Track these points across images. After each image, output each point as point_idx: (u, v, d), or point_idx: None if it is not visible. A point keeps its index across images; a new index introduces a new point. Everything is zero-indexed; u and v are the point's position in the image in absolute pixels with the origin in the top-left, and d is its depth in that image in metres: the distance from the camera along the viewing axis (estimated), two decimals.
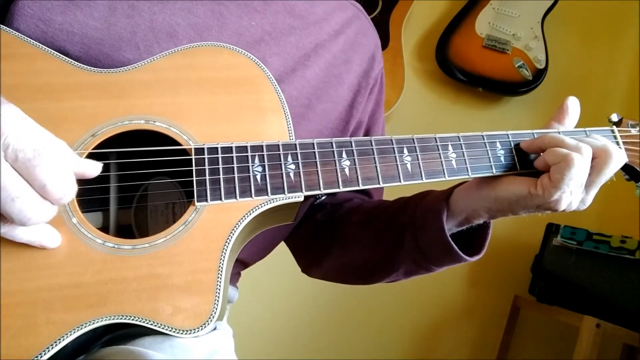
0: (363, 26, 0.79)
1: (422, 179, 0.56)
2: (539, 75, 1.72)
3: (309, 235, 0.78)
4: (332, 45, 0.73)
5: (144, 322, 0.46)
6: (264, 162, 0.53)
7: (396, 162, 0.56)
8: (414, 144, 0.57)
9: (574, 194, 0.56)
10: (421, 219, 0.63)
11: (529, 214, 0.59)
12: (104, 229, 0.57)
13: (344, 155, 0.55)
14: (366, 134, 0.79)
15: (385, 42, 1.74)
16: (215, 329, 0.63)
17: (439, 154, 0.57)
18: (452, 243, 0.60)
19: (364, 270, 0.73)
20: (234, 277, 0.78)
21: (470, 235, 0.64)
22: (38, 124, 0.43)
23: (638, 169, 0.63)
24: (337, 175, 0.54)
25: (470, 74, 1.74)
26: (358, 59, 0.75)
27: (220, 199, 0.51)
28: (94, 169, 0.47)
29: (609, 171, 0.56)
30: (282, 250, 0.84)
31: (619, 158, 0.56)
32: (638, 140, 0.63)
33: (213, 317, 0.47)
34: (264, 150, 0.53)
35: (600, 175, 0.56)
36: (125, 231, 0.58)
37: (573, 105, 0.61)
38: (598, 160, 0.56)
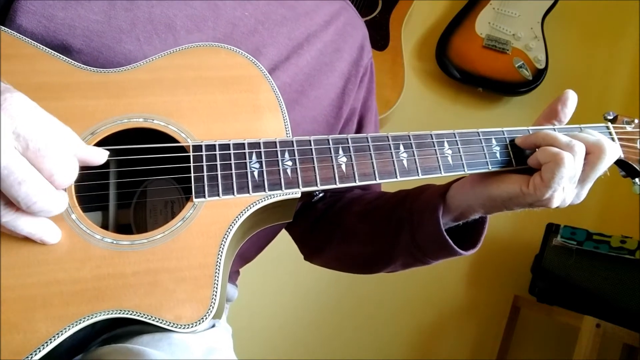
0: (351, 17, 0.80)
1: (418, 175, 0.57)
2: (539, 75, 1.72)
3: (310, 224, 0.79)
4: (323, 35, 0.74)
5: (141, 316, 0.46)
6: (261, 158, 0.53)
7: (392, 158, 0.56)
8: (410, 140, 0.57)
9: (566, 191, 0.56)
10: (418, 215, 0.64)
11: (523, 210, 0.59)
12: (104, 228, 0.57)
13: (341, 151, 0.55)
14: (360, 121, 0.81)
15: (385, 42, 1.74)
16: (214, 327, 0.63)
17: (435, 150, 0.58)
18: (448, 238, 0.61)
19: (362, 261, 0.74)
20: (234, 276, 0.79)
21: (467, 228, 0.65)
22: (47, 112, 0.44)
23: (634, 165, 0.63)
24: (333, 171, 0.54)
25: (470, 74, 1.74)
26: (348, 48, 0.77)
27: (218, 195, 0.51)
28: (100, 156, 0.48)
29: (603, 166, 0.56)
30: (282, 251, 0.84)
31: (612, 153, 0.56)
32: (633, 137, 0.64)
33: (211, 311, 0.47)
34: (261, 147, 0.53)
35: (593, 171, 0.56)
36: (124, 230, 0.59)
37: (572, 99, 0.61)
38: (592, 155, 0.56)
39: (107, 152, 0.49)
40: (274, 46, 0.69)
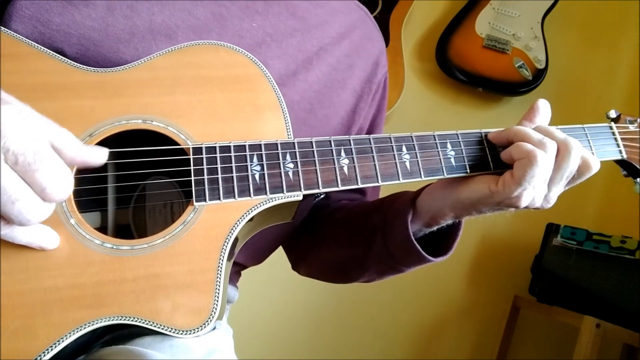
0: (368, 30, 0.77)
1: (421, 177, 0.56)
2: (539, 75, 1.72)
3: (296, 232, 0.78)
4: (335, 49, 0.71)
5: (143, 322, 0.45)
6: (262, 161, 0.52)
7: (395, 160, 0.56)
8: (413, 142, 0.57)
9: (536, 190, 0.55)
10: (390, 221, 0.63)
11: (493, 213, 0.58)
12: (103, 228, 0.56)
13: (343, 153, 0.55)
14: None
15: (385, 41, 1.74)
16: (215, 328, 0.63)
17: (438, 152, 0.57)
18: (415, 243, 0.60)
19: (340, 268, 0.73)
20: (234, 277, 0.78)
21: (441, 236, 0.64)
22: (41, 117, 0.43)
23: (636, 165, 0.63)
24: (335, 174, 0.54)
25: (470, 74, 1.73)
26: (362, 64, 0.74)
27: (219, 199, 0.50)
28: (100, 156, 0.47)
29: (569, 166, 0.55)
30: (282, 252, 0.83)
31: (577, 153, 0.55)
32: (636, 137, 0.63)
33: (213, 316, 0.47)
34: (263, 149, 0.53)
35: (560, 170, 0.55)
36: (123, 231, 0.58)
37: (544, 106, 0.60)
38: (559, 155, 0.55)
39: (107, 151, 0.47)
40: (281, 58, 0.66)
